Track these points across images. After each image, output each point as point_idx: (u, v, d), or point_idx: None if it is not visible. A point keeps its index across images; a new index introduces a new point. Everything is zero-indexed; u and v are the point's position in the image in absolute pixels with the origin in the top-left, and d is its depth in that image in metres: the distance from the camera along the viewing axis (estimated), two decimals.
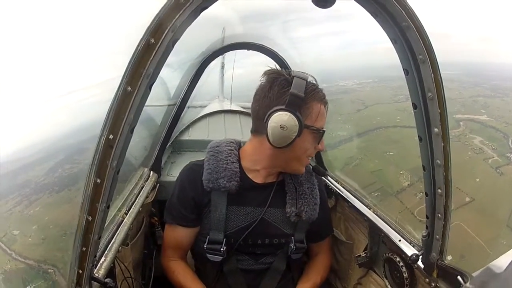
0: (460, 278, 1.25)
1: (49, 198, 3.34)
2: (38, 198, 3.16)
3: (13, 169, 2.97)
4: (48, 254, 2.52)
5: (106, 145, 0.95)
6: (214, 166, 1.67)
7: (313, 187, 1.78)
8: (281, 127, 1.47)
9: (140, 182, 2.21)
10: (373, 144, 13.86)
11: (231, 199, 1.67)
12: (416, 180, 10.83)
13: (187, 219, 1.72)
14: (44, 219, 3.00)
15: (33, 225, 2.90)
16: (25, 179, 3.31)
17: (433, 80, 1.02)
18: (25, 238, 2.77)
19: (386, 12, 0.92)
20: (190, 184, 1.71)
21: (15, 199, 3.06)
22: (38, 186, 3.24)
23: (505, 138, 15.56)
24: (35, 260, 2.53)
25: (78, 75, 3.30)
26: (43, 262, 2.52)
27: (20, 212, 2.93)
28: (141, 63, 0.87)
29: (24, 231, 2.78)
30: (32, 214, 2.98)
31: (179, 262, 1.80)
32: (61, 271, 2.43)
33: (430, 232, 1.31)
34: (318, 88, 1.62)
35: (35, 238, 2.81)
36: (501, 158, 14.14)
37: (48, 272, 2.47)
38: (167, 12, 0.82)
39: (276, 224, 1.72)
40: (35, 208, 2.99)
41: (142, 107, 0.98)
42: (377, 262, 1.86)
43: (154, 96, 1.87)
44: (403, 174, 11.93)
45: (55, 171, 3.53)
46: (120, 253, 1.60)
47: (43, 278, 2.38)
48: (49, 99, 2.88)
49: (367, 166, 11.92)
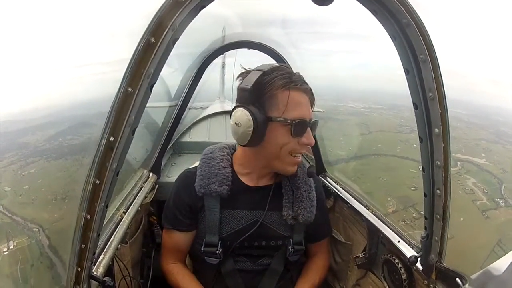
0: (458, 280, 1.24)
1: (45, 163, 3.35)
2: (35, 161, 3.17)
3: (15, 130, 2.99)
4: (36, 214, 2.53)
5: (107, 147, 0.94)
6: (206, 172, 1.67)
7: (310, 189, 1.75)
8: (236, 124, 1.47)
9: (139, 183, 2.21)
10: (369, 168, 14.01)
11: (224, 203, 1.67)
12: (401, 208, 10.94)
13: (183, 224, 1.73)
14: (37, 182, 3.01)
15: (25, 185, 2.91)
16: (25, 141, 3.32)
17: (433, 79, 1.01)
18: (15, 195, 2.78)
19: (386, 10, 0.91)
20: (184, 191, 1.72)
21: (12, 158, 3.08)
22: (37, 150, 3.26)
23: (499, 184, 15.73)
24: (22, 217, 2.53)
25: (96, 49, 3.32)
26: (30, 221, 2.53)
27: (15, 171, 2.94)
28: (141, 63, 0.86)
29: (16, 189, 2.79)
30: (26, 175, 2.99)
31: (178, 265, 1.80)
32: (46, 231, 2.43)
33: (429, 233, 1.30)
34: (281, 75, 1.49)
35: (25, 198, 2.81)
36: (490, 202, 14.37)
37: (33, 231, 2.48)
38: (167, 10, 0.81)
39: (273, 226, 1.70)
40: (30, 169, 3.01)
41: (143, 108, 0.97)
42: (376, 264, 1.85)
43: (155, 97, 1.86)
44: (390, 200, 12.12)
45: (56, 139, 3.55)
46: (119, 251, 1.60)
47: (27, 235, 2.38)
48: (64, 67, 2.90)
49: (359, 187, 12.09)
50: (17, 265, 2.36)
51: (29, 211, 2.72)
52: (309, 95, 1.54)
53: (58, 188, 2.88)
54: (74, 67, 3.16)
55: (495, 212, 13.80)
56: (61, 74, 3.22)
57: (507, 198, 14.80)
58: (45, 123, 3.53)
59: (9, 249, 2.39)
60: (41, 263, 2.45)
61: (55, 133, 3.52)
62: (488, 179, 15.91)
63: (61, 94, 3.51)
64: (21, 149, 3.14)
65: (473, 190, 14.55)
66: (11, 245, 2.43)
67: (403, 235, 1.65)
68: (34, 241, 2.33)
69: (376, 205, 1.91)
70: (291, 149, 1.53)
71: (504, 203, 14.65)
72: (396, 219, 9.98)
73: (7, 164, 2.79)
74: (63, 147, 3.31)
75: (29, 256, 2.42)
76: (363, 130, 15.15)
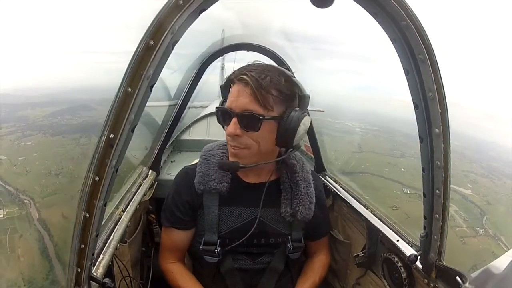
0: (458, 279, 1.25)
1: (42, 138, 3.33)
2: (32, 135, 3.15)
3: (15, 103, 2.98)
4: (28, 186, 2.51)
5: (107, 144, 0.95)
6: (206, 169, 1.67)
7: (309, 186, 1.74)
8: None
9: (138, 180, 2.20)
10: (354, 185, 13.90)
11: (223, 200, 1.67)
12: None
13: (182, 222, 1.72)
14: (32, 155, 2.99)
15: (21, 155, 2.88)
16: (24, 114, 3.30)
17: (433, 80, 1.02)
18: (10, 165, 2.76)
19: (385, 12, 0.92)
20: (184, 188, 1.72)
21: (10, 128, 3.05)
22: (35, 124, 3.25)
23: (481, 214, 15.90)
24: (14, 187, 2.50)
25: (101, 38, 3.37)
26: (22, 192, 2.50)
27: (11, 141, 2.92)
28: (141, 64, 0.86)
29: (11, 158, 2.77)
30: (23, 146, 2.97)
31: (176, 264, 1.79)
32: (36, 205, 2.41)
33: (428, 232, 1.30)
34: (235, 70, 1.56)
35: (20, 168, 2.79)
36: (469, 230, 14.41)
37: (24, 203, 2.45)
38: (167, 13, 0.81)
39: (271, 223, 1.70)
40: (26, 142, 2.99)
41: (143, 108, 0.98)
42: (376, 262, 1.86)
43: (155, 96, 1.88)
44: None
45: (54, 117, 3.53)
46: (118, 250, 1.60)
47: (18, 206, 2.36)
48: (70, 51, 2.93)
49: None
50: (6, 234, 2.34)
51: (22, 181, 2.71)
52: (244, 84, 1.47)
53: (53, 163, 2.88)
54: (79, 53, 3.17)
55: (473, 239, 13.89)
56: (65, 58, 3.24)
57: (487, 228, 15.01)
58: (46, 101, 3.54)
59: None
60: (30, 235, 2.43)
61: (54, 111, 3.52)
62: (470, 209, 15.98)
63: (63, 76, 3.54)
64: (20, 122, 3.14)
65: (454, 217, 14.67)
66: (1, 214, 2.41)
67: (402, 234, 1.66)
68: (24, 212, 2.31)
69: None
70: (227, 138, 1.56)
71: (483, 232, 14.83)
72: None
73: (4, 133, 2.78)
74: (61, 125, 3.31)
75: (18, 227, 2.40)
76: (354, 149, 15.31)
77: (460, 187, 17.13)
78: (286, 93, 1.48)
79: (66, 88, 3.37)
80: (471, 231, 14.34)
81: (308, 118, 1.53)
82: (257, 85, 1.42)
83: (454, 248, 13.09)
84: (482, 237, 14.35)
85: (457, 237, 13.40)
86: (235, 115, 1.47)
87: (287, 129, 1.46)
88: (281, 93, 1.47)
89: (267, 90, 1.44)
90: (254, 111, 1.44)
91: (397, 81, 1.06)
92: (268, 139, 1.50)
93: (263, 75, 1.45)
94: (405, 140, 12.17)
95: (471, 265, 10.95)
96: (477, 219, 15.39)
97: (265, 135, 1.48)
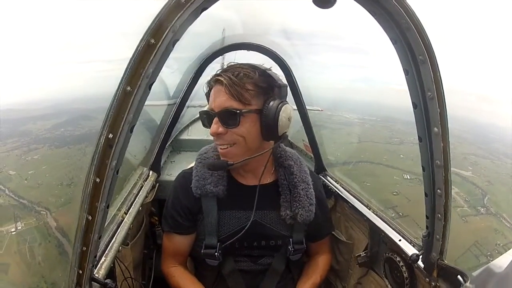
0: (460, 278, 1.26)
1: (48, 150, 3.37)
2: (38, 148, 3.19)
3: (16, 118, 3.02)
4: (42, 198, 2.56)
5: (106, 144, 0.95)
6: (201, 173, 1.68)
7: (308, 187, 1.73)
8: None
9: (139, 181, 2.20)
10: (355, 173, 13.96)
11: (221, 204, 1.67)
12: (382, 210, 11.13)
13: (182, 227, 1.73)
14: (41, 167, 3.03)
15: (30, 170, 2.93)
16: (26, 128, 3.34)
17: (432, 80, 1.01)
18: (21, 179, 2.81)
19: (386, 12, 0.92)
20: (182, 192, 1.72)
21: (14, 144, 3.10)
22: (39, 138, 3.28)
23: (482, 195, 15.91)
24: (29, 200, 2.56)
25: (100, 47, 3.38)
26: (37, 204, 2.56)
27: (18, 156, 2.96)
28: (141, 63, 0.86)
29: (21, 173, 2.81)
30: (30, 161, 3.01)
31: (178, 268, 1.80)
32: (52, 214, 2.47)
33: (430, 232, 1.31)
34: (216, 73, 1.59)
35: (31, 182, 2.84)
36: (471, 209, 14.48)
37: (41, 213, 2.51)
38: (168, 12, 0.81)
39: (271, 226, 1.70)
40: (33, 156, 3.03)
41: (142, 107, 0.97)
42: (377, 262, 1.86)
43: (154, 95, 1.89)
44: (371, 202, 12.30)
45: (57, 129, 3.56)
46: (120, 253, 1.60)
47: (35, 217, 2.41)
48: (68, 61, 2.96)
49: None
50: (25, 244, 2.41)
51: (35, 194, 2.78)
52: (220, 84, 1.52)
53: (63, 174, 2.92)
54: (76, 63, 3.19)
55: (475, 218, 13.97)
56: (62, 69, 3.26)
57: (489, 207, 15.06)
58: (48, 114, 3.58)
59: (17, 230, 2.43)
60: (49, 242, 2.50)
61: (57, 123, 3.55)
62: (471, 190, 16.09)
63: (62, 87, 3.58)
64: (23, 136, 3.17)
65: (455, 198, 14.70)
66: (19, 226, 2.48)
67: (404, 234, 1.67)
68: (41, 222, 2.38)
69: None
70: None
71: (485, 211, 14.86)
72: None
73: (10, 149, 2.82)
74: (66, 137, 3.35)
75: (37, 236, 2.47)
76: (353, 139, 15.32)
77: (461, 170, 17.15)
78: (262, 85, 1.53)
79: (65, 99, 3.41)
80: (472, 211, 14.36)
81: (289, 106, 1.55)
82: (230, 83, 1.48)
83: (456, 227, 13.21)
84: (484, 216, 14.38)
85: (459, 217, 13.39)
86: (215, 114, 1.52)
87: (268, 120, 1.49)
88: (257, 86, 1.52)
89: (241, 85, 1.48)
90: (231, 107, 1.48)
91: (392, 71, 1.06)
92: (252, 133, 1.53)
93: (236, 72, 1.51)
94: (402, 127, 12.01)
95: (473, 240, 11.04)
96: (478, 199, 15.37)
97: (248, 129, 1.51)
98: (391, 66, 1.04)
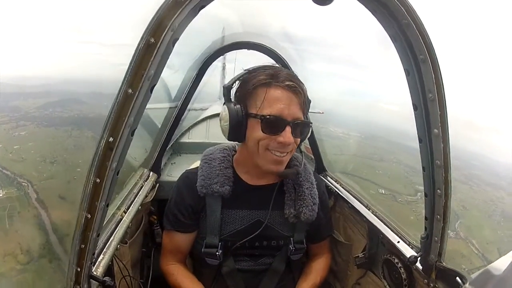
0: (459, 280, 1.26)
1: (36, 128, 3.32)
2: (26, 125, 3.14)
3: (7, 92, 2.95)
4: (25, 171, 2.55)
5: (106, 148, 0.94)
6: (208, 173, 1.67)
7: (312, 186, 1.75)
8: (220, 120, 1.56)
9: (139, 182, 2.20)
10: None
11: (226, 203, 1.66)
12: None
13: (184, 225, 1.72)
14: (27, 144, 3.00)
15: (15, 144, 2.89)
16: (17, 104, 3.28)
17: (433, 81, 1.01)
18: (6, 152, 2.78)
19: (386, 9, 0.91)
20: (186, 191, 1.71)
21: (3, 118, 3.03)
22: (28, 115, 3.23)
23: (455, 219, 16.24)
24: (11, 172, 2.53)
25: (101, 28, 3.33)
26: (20, 176, 2.53)
27: (6, 131, 2.90)
28: (141, 64, 0.85)
29: (6, 146, 2.78)
30: (17, 136, 2.98)
31: (177, 266, 1.79)
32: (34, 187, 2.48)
33: (429, 233, 1.31)
34: (264, 72, 1.50)
35: (15, 156, 2.82)
36: None
37: (22, 185, 2.49)
38: (166, 10, 0.81)
39: (274, 226, 1.70)
40: (20, 132, 2.99)
41: (143, 110, 0.97)
42: (376, 263, 1.86)
43: (155, 98, 1.86)
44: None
45: (46, 109, 3.50)
46: (118, 251, 1.59)
47: (16, 188, 2.40)
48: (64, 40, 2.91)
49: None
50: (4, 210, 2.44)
51: (19, 167, 2.78)
52: (294, 92, 1.46)
53: (47, 152, 2.91)
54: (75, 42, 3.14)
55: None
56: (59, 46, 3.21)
57: (459, 231, 15.46)
58: (39, 92, 3.52)
59: None
60: (28, 211, 2.55)
61: (45, 103, 3.50)
62: None
63: (56, 66, 3.52)
64: (13, 112, 3.12)
65: None
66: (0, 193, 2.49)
67: (403, 235, 1.67)
68: (22, 193, 2.38)
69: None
70: (266, 145, 1.48)
71: (454, 235, 15.25)
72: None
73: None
74: (54, 118, 3.32)
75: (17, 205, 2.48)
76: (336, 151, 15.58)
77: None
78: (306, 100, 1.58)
79: (58, 79, 3.36)
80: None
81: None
82: (304, 94, 1.50)
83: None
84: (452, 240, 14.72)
85: None
86: (289, 123, 1.45)
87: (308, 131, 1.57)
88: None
89: (306, 97, 1.54)
90: (303, 119, 1.51)
91: (384, 90, 1.04)
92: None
93: (302, 84, 1.52)
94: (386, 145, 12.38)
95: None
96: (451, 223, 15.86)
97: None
98: (382, 83, 1.02)
